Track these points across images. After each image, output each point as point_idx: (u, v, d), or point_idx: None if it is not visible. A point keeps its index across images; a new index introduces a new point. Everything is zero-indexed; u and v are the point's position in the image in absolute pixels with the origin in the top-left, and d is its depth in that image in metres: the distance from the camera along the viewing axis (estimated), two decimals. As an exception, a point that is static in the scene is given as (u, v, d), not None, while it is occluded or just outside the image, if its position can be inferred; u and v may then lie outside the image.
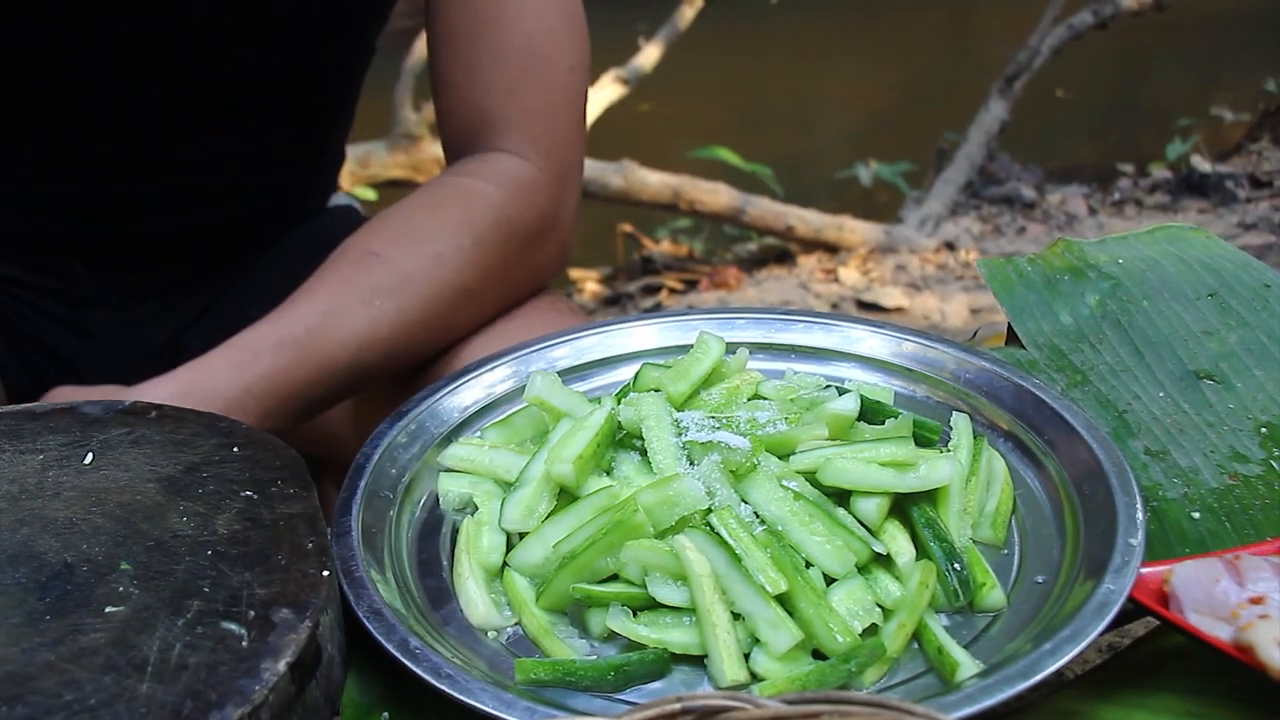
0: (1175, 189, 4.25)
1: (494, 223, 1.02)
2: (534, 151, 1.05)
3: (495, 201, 1.02)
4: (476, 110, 1.06)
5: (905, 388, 0.92)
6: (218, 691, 0.60)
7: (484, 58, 1.02)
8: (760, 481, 0.75)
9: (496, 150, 1.05)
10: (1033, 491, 0.82)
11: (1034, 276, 1.11)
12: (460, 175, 1.05)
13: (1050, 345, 1.02)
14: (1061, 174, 4.41)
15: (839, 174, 4.42)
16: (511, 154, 1.04)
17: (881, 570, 0.74)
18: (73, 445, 0.78)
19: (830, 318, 0.96)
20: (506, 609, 0.75)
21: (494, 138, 1.05)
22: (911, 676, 0.70)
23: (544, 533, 0.76)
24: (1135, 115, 5.15)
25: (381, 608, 0.70)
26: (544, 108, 1.05)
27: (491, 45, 1.02)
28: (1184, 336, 1.02)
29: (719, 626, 0.69)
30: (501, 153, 1.05)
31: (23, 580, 0.67)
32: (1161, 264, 1.11)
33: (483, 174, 1.04)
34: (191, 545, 0.70)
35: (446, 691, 0.65)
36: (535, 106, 1.05)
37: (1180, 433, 0.91)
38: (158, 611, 0.65)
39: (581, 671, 0.68)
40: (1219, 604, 0.68)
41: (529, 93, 1.04)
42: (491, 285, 1.04)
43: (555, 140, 1.06)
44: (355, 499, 0.79)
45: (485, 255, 1.02)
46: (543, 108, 1.05)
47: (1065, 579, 0.74)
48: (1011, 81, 4.28)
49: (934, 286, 3.53)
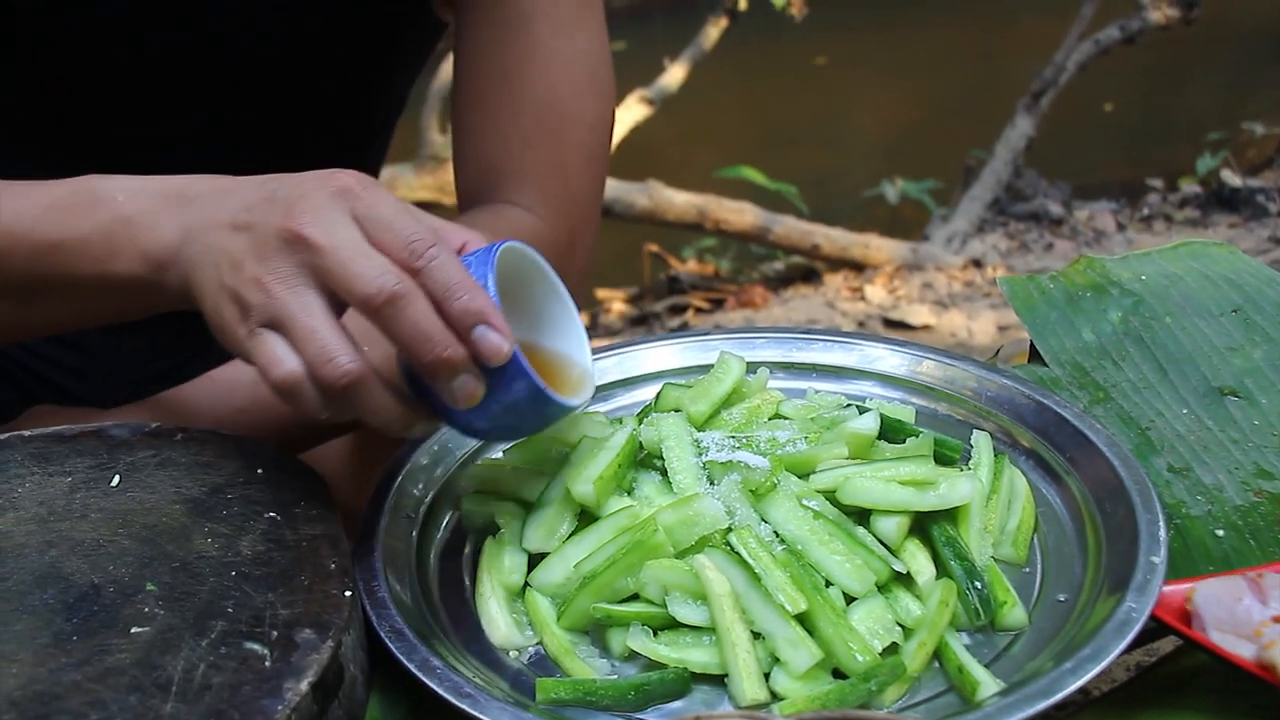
0: (1205, 204, 4.23)
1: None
2: (545, 207, 1.04)
3: None
4: (491, 160, 1.05)
5: (926, 406, 0.92)
6: (241, 711, 0.61)
7: (504, 109, 1.02)
8: (780, 501, 0.75)
9: (507, 203, 1.04)
10: (1054, 509, 0.82)
11: (1056, 294, 1.11)
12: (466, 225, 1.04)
13: (1073, 362, 1.02)
14: (1089, 190, 4.39)
15: (865, 192, 4.41)
16: (522, 208, 1.04)
17: (902, 589, 0.74)
18: (100, 467, 0.79)
19: (850, 336, 0.96)
20: (528, 629, 0.75)
21: (506, 190, 1.04)
22: (932, 695, 0.70)
23: (565, 553, 0.76)
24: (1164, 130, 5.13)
25: (403, 628, 0.71)
26: (559, 164, 1.04)
27: (513, 97, 1.01)
28: (1207, 352, 1.01)
29: (739, 646, 0.69)
30: (512, 206, 1.04)
31: (50, 601, 0.68)
32: (1185, 280, 1.11)
33: (489, 226, 1.03)
34: (216, 566, 0.71)
35: (468, 711, 0.65)
36: (551, 162, 1.04)
37: (1204, 449, 0.91)
38: (182, 632, 0.66)
39: (602, 691, 0.69)
40: (1242, 622, 0.68)
41: (546, 148, 1.03)
42: None
43: (568, 197, 1.05)
44: (378, 520, 0.79)
45: None
46: (558, 164, 1.04)
47: (1087, 597, 0.73)
48: (1038, 98, 4.27)
49: (961, 304, 3.52)
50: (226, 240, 0.72)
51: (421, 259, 0.69)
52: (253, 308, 0.70)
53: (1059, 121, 4.39)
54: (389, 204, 0.72)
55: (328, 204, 0.71)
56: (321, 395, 0.70)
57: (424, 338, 0.68)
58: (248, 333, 0.71)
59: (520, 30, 0.99)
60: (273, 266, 0.70)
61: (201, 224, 0.74)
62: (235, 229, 0.72)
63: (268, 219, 0.71)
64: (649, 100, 4.08)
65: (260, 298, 0.70)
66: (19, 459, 0.80)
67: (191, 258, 0.74)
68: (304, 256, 0.70)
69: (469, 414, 0.72)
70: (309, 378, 0.69)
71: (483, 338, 0.69)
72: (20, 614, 0.67)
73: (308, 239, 0.69)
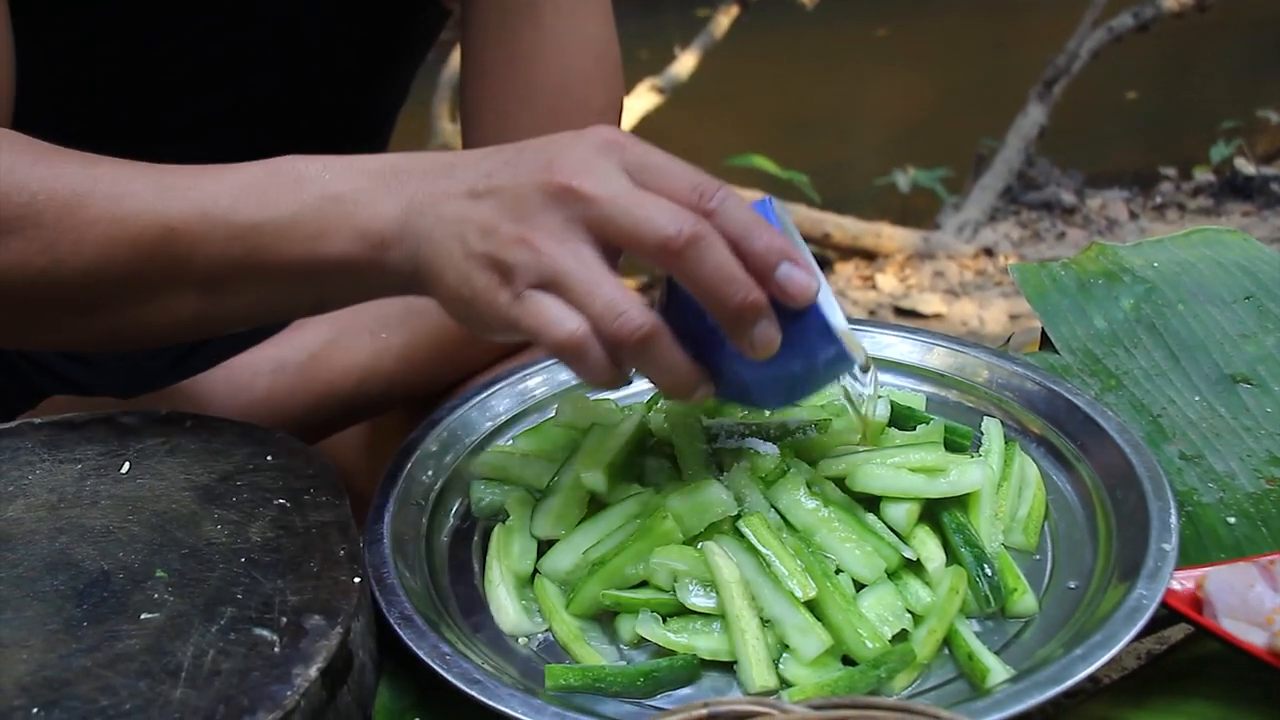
0: (1219, 192, 4.21)
1: None
2: None
3: None
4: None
5: (936, 393, 0.91)
6: (250, 697, 0.61)
7: (513, 97, 1.01)
8: (790, 488, 0.75)
9: None
10: (1065, 496, 0.82)
11: (1067, 281, 1.10)
12: None
13: (1084, 350, 1.02)
14: (1102, 178, 4.37)
15: (876, 181, 4.40)
16: None
17: (912, 576, 0.74)
18: (110, 454, 0.80)
19: (860, 323, 0.96)
20: (537, 615, 0.75)
21: None
22: (942, 682, 0.69)
23: (574, 540, 0.76)
24: (1178, 118, 5.10)
25: (413, 614, 0.71)
26: None
27: (521, 84, 1.01)
28: (1220, 340, 1.01)
29: (748, 632, 0.69)
30: None
31: (61, 587, 0.69)
32: (1197, 267, 1.10)
33: None
34: (225, 553, 0.71)
35: (477, 697, 0.65)
36: None
37: (1216, 437, 0.91)
38: (192, 618, 0.66)
39: (611, 677, 0.69)
40: (1254, 609, 0.68)
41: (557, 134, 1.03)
42: None
43: None
44: (387, 506, 0.79)
45: None
46: None
47: (1097, 584, 0.73)
48: (1050, 85, 4.26)
49: (972, 293, 3.51)
50: (468, 209, 0.68)
51: (714, 200, 0.66)
52: (517, 269, 0.65)
53: (1072, 109, 4.37)
54: (660, 153, 0.68)
55: (593, 154, 0.67)
56: (608, 355, 0.66)
57: (729, 280, 0.64)
58: (512, 297, 0.66)
59: (527, 17, 0.98)
60: (538, 223, 0.65)
61: (430, 196, 0.70)
62: (477, 195, 0.68)
63: (520, 179, 0.67)
64: (660, 89, 4.08)
65: (527, 256, 0.65)
66: (29, 446, 0.81)
67: (423, 231, 0.69)
68: (574, 209, 0.65)
69: (758, 367, 0.67)
70: (595, 336, 0.65)
71: (788, 276, 0.65)
72: (30, 600, 0.68)
73: (577, 189, 0.65)
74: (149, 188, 0.73)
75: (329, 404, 0.95)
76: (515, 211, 0.66)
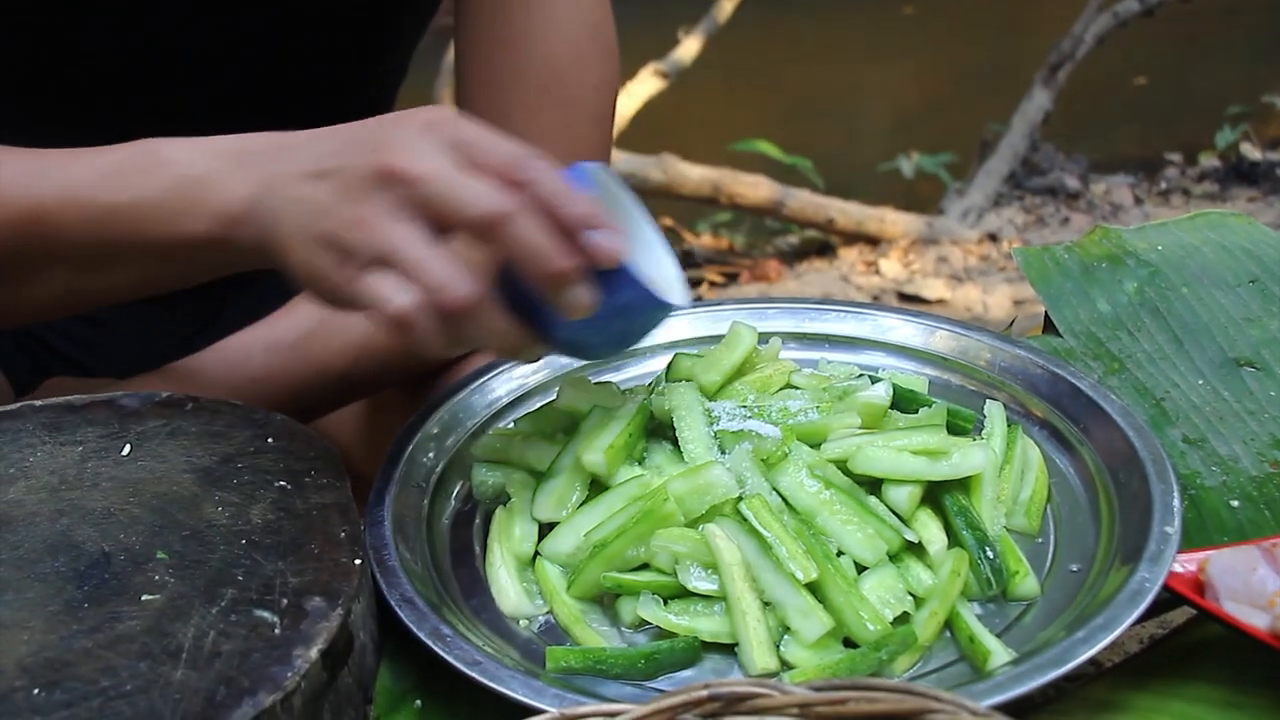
0: (1224, 178, 4.19)
1: None
2: None
3: None
4: (495, 125, 1.05)
5: (939, 376, 0.91)
6: (250, 678, 0.61)
7: (505, 74, 1.01)
8: (792, 470, 0.75)
9: None
10: (1067, 479, 0.82)
11: (1071, 264, 1.10)
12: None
13: (1087, 333, 1.01)
14: (1107, 164, 4.35)
15: (880, 166, 4.38)
16: None
17: (913, 559, 0.74)
18: (111, 437, 0.79)
19: (863, 307, 0.96)
20: (538, 598, 0.75)
21: None
22: (943, 665, 0.69)
23: (575, 522, 0.76)
24: (1183, 103, 5.08)
25: (414, 596, 0.71)
26: (564, 127, 1.04)
27: (513, 62, 1.01)
28: (1224, 323, 1.00)
29: (749, 615, 0.69)
30: None
31: (62, 569, 0.69)
32: (1201, 250, 1.10)
33: None
34: (226, 534, 0.71)
35: (478, 679, 0.65)
36: (555, 125, 1.04)
37: (1219, 420, 0.90)
38: (192, 600, 0.66)
39: (612, 659, 0.69)
40: (1256, 592, 0.67)
41: (549, 111, 1.03)
42: None
43: (574, 160, 1.05)
44: (388, 489, 0.79)
45: None
46: (563, 127, 1.04)
47: (1100, 567, 0.73)
48: (1055, 70, 4.24)
49: (976, 278, 3.50)
50: (310, 189, 0.71)
51: (527, 173, 0.69)
52: (354, 248, 0.68)
53: (1077, 95, 4.35)
54: (478, 129, 0.71)
55: (416, 136, 0.70)
56: (440, 325, 0.68)
57: (542, 251, 0.67)
58: (350, 275, 0.69)
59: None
60: (370, 205, 0.68)
61: (277, 177, 0.73)
62: (317, 177, 0.71)
63: (354, 160, 0.70)
64: (663, 74, 4.06)
65: (361, 236, 0.68)
66: (30, 428, 0.81)
67: (271, 211, 0.72)
68: (401, 190, 0.68)
69: (581, 326, 0.71)
70: (426, 309, 0.68)
71: (594, 242, 0.68)
72: (32, 582, 0.68)
73: (403, 171, 0.68)
74: (22, 171, 0.78)
75: (324, 382, 0.95)
76: (350, 193, 0.69)
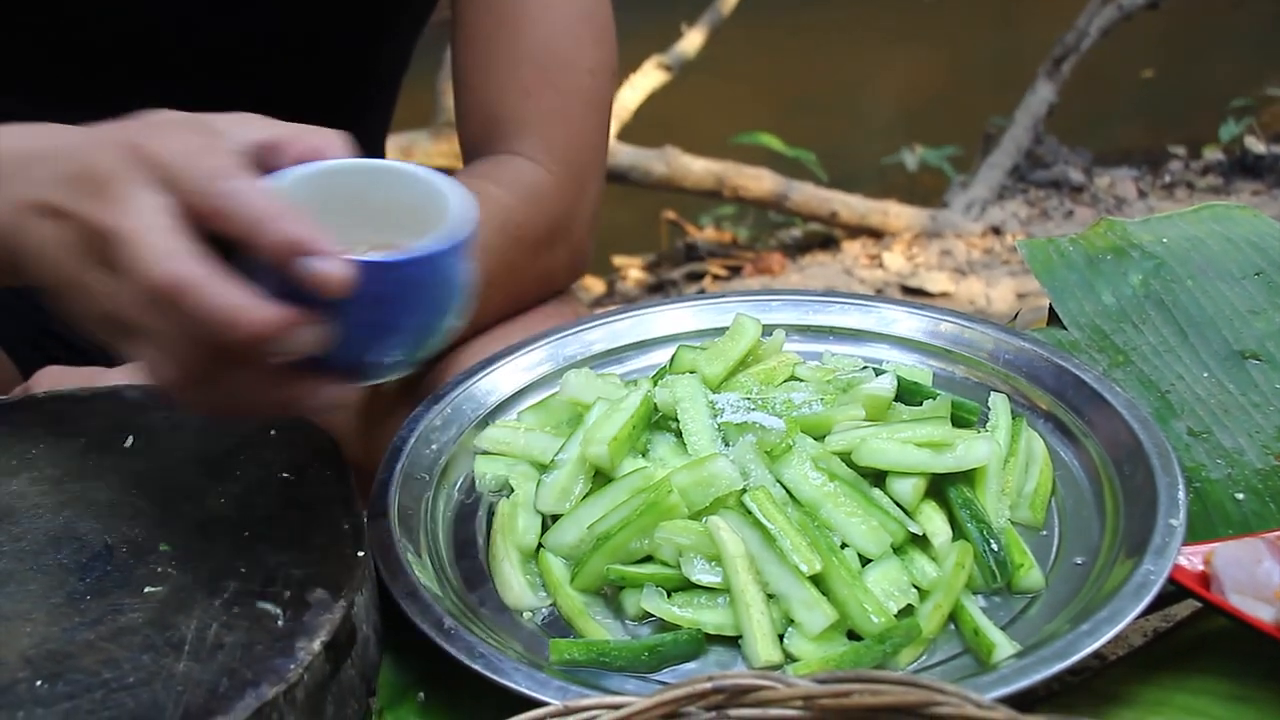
0: (1229, 171, 4.18)
1: (500, 227, 1.00)
2: (548, 156, 1.03)
3: (502, 205, 1.01)
4: (492, 112, 1.05)
5: (943, 368, 0.91)
6: (253, 670, 0.61)
7: (502, 59, 1.01)
8: (795, 462, 0.75)
9: (510, 153, 1.04)
10: (1072, 472, 0.82)
11: (1076, 256, 1.09)
12: (470, 178, 1.04)
13: (1092, 325, 1.01)
14: (1111, 157, 4.35)
15: (884, 159, 4.38)
16: (525, 158, 1.03)
17: (918, 551, 0.73)
18: (114, 429, 0.79)
19: (867, 299, 0.96)
20: (541, 590, 0.75)
21: (509, 140, 1.04)
22: (948, 658, 0.69)
23: (579, 514, 0.76)
24: (1187, 96, 5.07)
25: (417, 589, 0.71)
26: (561, 111, 1.04)
27: (510, 47, 1.01)
28: (1229, 316, 1.00)
29: (753, 607, 0.69)
30: (515, 156, 1.03)
31: (64, 561, 0.69)
32: (1206, 243, 1.10)
33: (492, 177, 1.03)
34: (229, 527, 0.71)
35: (481, 672, 0.65)
36: (552, 110, 1.04)
37: (1224, 413, 0.90)
38: (195, 592, 0.66)
39: (616, 652, 0.68)
40: (1261, 585, 0.67)
41: (546, 96, 1.03)
42: (495, 290, 1.01)
43: (571, 144, 1.04)
44: (392, 481, 0.79)
45: (489, 259, 1.00)
46: (559, 111, 1.04)
47: (1104, 560, 0.73)
48: (1059, 63, 4.23)
49: (980, 271, 3.50)
50: (41, 230, 0.65)
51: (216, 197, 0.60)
52: (87, 313, 0.64)
53: (1081, 88, 4.34)
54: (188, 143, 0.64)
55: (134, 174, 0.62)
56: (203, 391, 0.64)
57: (231, 324, 0.59)
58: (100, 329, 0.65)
59: None
60: (91, 273, 0.63)
61: (12, 204, 0.66)
62: (49, 215, 0.65)
63: (77, 206, 0.63)
64: (666, 66, 4.06)
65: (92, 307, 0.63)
66: (34, 420, 0.81)
67: (13, 236, 0.66)
68: (112, 252, 0.61)
69: (360, 336, 0.62)
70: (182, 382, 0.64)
71: (307, 268, 0.58)
72: (35, 573, 0.68)
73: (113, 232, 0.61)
74: None
75: None
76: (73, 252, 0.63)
